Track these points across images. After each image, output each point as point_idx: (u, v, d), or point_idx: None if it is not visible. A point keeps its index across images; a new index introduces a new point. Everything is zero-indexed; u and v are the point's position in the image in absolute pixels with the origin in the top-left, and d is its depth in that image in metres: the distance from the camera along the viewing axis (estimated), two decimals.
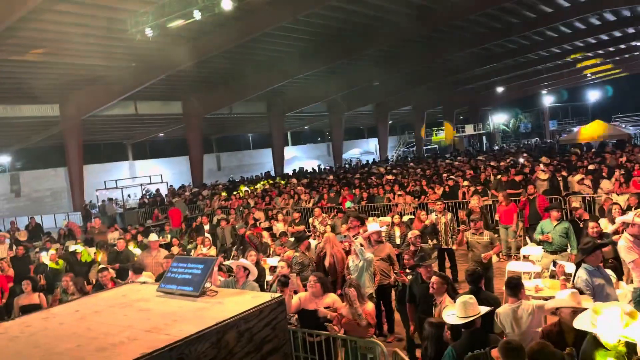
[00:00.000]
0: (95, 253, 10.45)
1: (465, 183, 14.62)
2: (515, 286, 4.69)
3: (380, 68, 27.81)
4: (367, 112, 42.04)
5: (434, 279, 5.10)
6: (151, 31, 10.93)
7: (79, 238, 13.57)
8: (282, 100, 31.68)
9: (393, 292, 7.08)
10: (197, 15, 10.91)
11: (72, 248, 9.34)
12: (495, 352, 3.65)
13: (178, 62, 18.94)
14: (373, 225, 7.77)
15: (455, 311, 4.18)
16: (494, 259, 10.65)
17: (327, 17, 18.60)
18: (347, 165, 35.21)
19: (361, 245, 6.63)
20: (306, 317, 5.24)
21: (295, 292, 5.69)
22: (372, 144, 50.88)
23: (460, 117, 54.59)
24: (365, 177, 21.55)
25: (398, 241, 9.16)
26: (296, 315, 5.48)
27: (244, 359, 3.54)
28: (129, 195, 28.79)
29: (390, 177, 19.36)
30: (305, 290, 5.78)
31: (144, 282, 5.14)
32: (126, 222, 19.72)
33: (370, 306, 5.20)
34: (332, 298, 5.39)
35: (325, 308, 5.19)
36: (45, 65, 17.54)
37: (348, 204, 14.19)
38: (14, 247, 11.70)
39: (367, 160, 38.87)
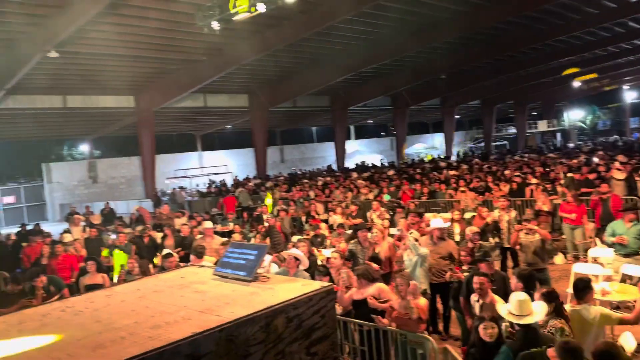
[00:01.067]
0: (162, 237, 10.98)
1: (534, 181, 13.99)
2: (583, 288, 4.46)
3: (448, 61, 27.08)
4: (433, 107, 41.10)
5: (477, 278, 4.94)
6: (218, 24, 11.24)
7: (148, 223, 14.27)
8: (345, 94, 31.64)
9: None
10: (261, 8, 11.06)
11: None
12: (551, 352, 3.48)
13: (245, 56, 19.39)
14: (436, 221, 7.57)
15: (509, 306, 4.03)
16: (560, 260, 10.18)
17: (391, 9, 18.33)
18: (411, 160, 34.65)
19: (416, 240, 6.51)
20: (356, 307, 5.24)
21: (348, 287, 5.69)
22: (438, 139, 49.77)
23: (533, 113, 52.17)
24: (427, 172, 21.14)
25: (457, 238, 8.94)
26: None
27: (292, 344, 3.59)
28: (197, 185, 29.95)
29: (453, 172, 18.87)
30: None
31: (202, 266, 5.33)
32: (193, 210, 20.51)
33: (422, 301, 5.11)
34: (377, 287, 5.34)
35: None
36: (122, 59, 18.52)
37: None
38: (88, 229, 12.53)
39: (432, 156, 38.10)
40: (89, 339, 3.11)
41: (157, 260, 9.63)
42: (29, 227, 14.63)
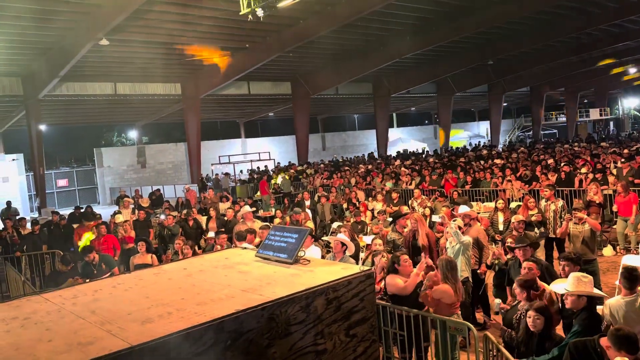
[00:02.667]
0: (206, 220, 11.31)
1: (584, 170, 13.49)
2: (633, 278, 4.33)
3: (495, 46, 26.28)
4: (479, 93, 40.07)
5: (526, 263, 4.86)
6: (262, 11, 11.30)
7: (194, 207, 14.68)
8: (388, 81, 31.28)
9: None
10: None
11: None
12: (604, 341, 3.39)
13: (288, 43, 19.47)
14: (462, 207, 7.49)
15: (565, 284, 3.98)
16: (609, 252, 9.83)
17: None
18: (456, 148, 34.01)
19: (459, 228, 6.44)
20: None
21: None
22: (484, 127, 48.58)
23: (585, 101, 50.04)
24: (471, 160, 20.72)
25: (501, 227, 8.76)
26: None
27: (331, 326, 3.65)
28: (240, 171, 30.50)
29: (498, 161, 18.42)
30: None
31: (245, 248, 5.46)
32: (237, 195, 20.94)
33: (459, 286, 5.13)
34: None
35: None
36: (169, 46, 18.97)
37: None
38: (137, 211, 13.03)
39: (477, 144, 37.27)
40: (138, 313, 3.27)
41: (202, 242, 9.93)
42: (81, 210, 15.30)
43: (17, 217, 14.23)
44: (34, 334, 3.04)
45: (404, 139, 42.07)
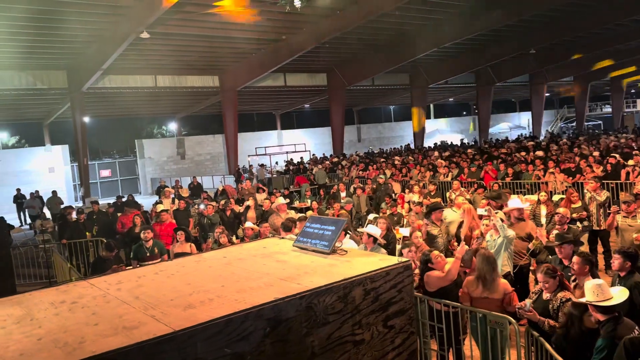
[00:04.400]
0: (244, 210, 11.47)
1: (631, 162, 12.96)
2: None
3: (538, 35, 25.43)
4: (520, 84, 38.94)
5: (575, 258, 4.68)
6: (300, 2, 11.32)
7: (232, 197, 14.89)
8: (425, 71, 30.80)
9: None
10: None
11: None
12: None
13: (325, 34, 19.41)
14: (514, 201, 7.30)
15: (587, 293, 3.82)
16: None
17: None
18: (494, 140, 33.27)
19: (502, 220, 6.30)
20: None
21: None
22: (525, 118, 47.28)
23: (632, 91, 47.96)
24: (513, 152, 20.21)
25: (543, 220, 8.53)
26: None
27: (369, 316, 3.65)
28: (276, 162, 30.73)
29: (540, 153, 17.89)
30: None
31: (283, 238, 5.51)
32: (272, 186, 21.12)
33: (502, 281, 5.00)
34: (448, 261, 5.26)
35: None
36: (207, 39, 19.22)
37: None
38: (177, 201, 13.33)
39: (519, 135, 36.35)
40: (180, 299, 3.35)
41: (239, 231, 10.08)
42: (123, 199, 15.77)
43: (63, 206, 14.81)
44: (81, 317, 3.16)
45: (442, 130, 41.42)
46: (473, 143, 32.42)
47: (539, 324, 4.33)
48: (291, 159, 28.80)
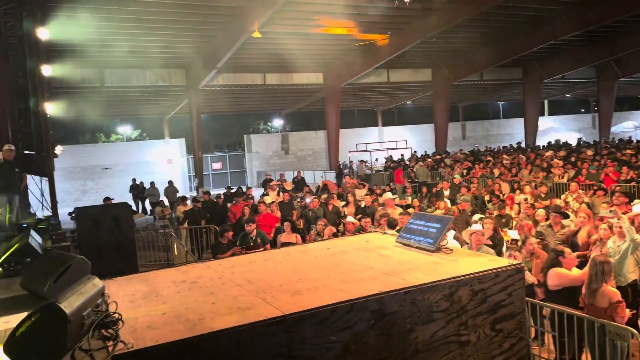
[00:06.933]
0: (344, 205, 11.63)
1: None
2: None
3: None
4: None
5: None
6: None
7: (334, 193, 15.15)
8: (540, 65, 28.89)
9: None
10: None
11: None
12: None
13: (432, 28, 18.96)
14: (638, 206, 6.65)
15: None
16: None
17: None
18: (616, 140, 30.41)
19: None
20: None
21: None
22: None
23: None
24: (637, 153, 18.35)
25: None
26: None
27: (475, 318, 3.54)
28: (376, 159, 30.69)
29: None
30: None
31: (385, 233, 5.50)
32: (372, 182, 21.14)
33: (611, 289, 4.61)
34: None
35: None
36: (313, 37, 19.65)
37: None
38: (281, 194, 13.84)
39: None
40: (288, 285, 3.49)
41: (340, 226, 10.22)
42: (232, 190, 16.71)
43: (180, 195, 16.00)
44: (200, 296, 3.41)
45: (557, 129, 38.67)
46: (592, 143, 29.89)
47: None
48: (390, 156, 28.57)
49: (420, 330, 3.31)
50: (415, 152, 30.68)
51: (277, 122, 37.45)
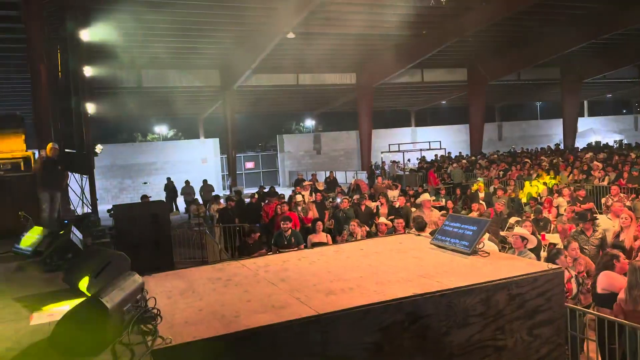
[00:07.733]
0: (377, 206, 11.55)
1: None
2: None
3: None
4: None
5: None
6: None
7: (365, 193, 15.10)
8: (580, 65, 28.03)
9: None
10: None
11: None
12: None
13: (468, 27, 18.64)
14: None
15: None
16: None
17: None
18: None
19: None
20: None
21: None
22: None
23: None
24: None
25: None
26: None
27: (512, 323, 3.48)
28: (409, 160, 30.38)
29: None
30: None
31: (419, 235, 5.46)
32: (405, 183, 20.94)
33: None
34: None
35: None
36: (347, 37, 19.58)
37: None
38: (314, 194, 13.86)
39: None
40: (322, 285, 3.51)
41: (373, 227, 10.17)
42: (265, 189, 16.82)
43: (214, 194, 16.24)
44: (235, 293, 3.46)
45: (596, 130, 37.47)
46: (633, 145, 28.82)
47: None
48: (424, 157, 28.24)
49: (455, 334, 3.27)
50: (449, 152, 30.24)
51: (309, 122, 37.55)
